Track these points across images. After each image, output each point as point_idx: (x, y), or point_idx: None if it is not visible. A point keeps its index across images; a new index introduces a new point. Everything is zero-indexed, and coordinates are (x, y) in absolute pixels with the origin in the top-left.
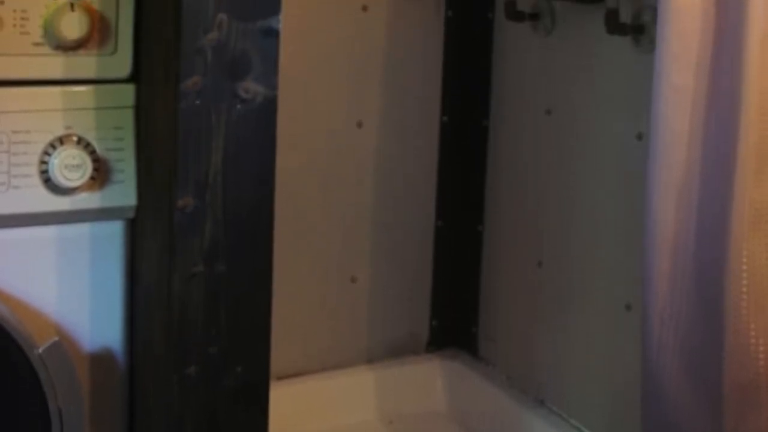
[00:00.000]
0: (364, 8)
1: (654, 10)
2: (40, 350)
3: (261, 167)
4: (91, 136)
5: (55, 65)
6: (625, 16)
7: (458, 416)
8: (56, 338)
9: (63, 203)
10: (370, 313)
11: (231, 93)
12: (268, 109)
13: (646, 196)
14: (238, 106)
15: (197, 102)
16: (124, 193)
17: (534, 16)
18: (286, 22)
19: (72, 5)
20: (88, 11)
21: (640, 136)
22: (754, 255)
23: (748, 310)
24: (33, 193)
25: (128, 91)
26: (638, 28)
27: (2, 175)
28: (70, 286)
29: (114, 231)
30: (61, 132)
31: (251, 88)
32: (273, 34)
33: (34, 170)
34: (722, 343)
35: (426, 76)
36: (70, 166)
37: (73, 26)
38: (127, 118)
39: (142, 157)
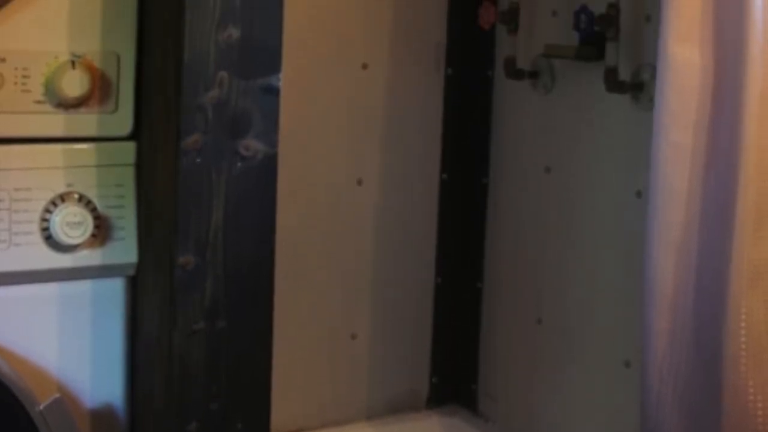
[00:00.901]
0: (364, 66)
1: (653, 68)
2: (42, 407)
3: (261, 224)
4: (92, 194)
5: (57, 123)
6: (624, 74)
7: None
8: (57, 395)
9: (64, 260)
10: (369, 369)
11: (231, 151)
12: (269, 166)
13: (645, 253)
14: (239, 164)
15: (198, 160)
16: (125, 250)
17: (533, 74)
18: (287, 79)
19: (73, 63)
20: (89, 69)
21: (639, 194)
22: (753, 312)
23: (746, 367)
24: (34, 250)
25: (129, 149)
26: (637, 86)
27: (4, 232)
28: (71, 342)
29: (115, 288)
30: (62, 189)
31: (252, 145)
32: (273, 92)
33: (35, 228)
34: (721, 399)
35: (426, 134)
36: (72, 223)
37: (74, 84)
38: (128, 175)
39: (143, 214)
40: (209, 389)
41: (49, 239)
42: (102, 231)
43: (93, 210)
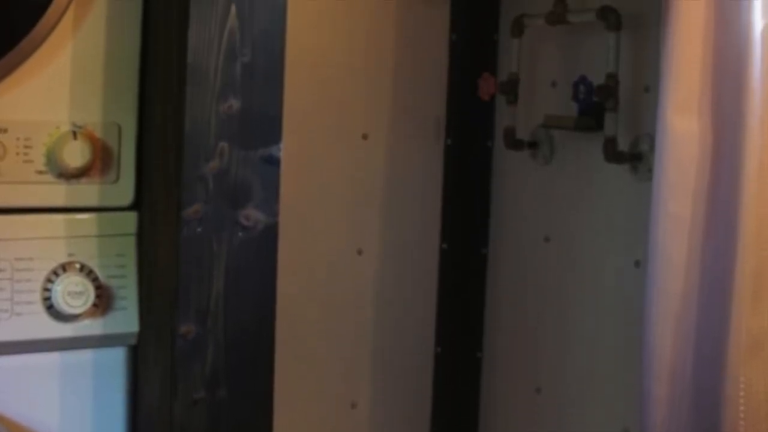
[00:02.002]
0: (364, 136)
1: (652, 139)
2: None
3: (262, 294)
4: (93, 264)
5: (58, 193)
6: (623, 145)
7: None
8: None
9: (65, 330)
10: None
11: (232, 221)
12: (269, 236)
13: (644, 322)
14: (239, 234)
15: (199, 230)
16: (126, 319)
17: (533, 145)
18: (287, 150)
19: (75, 134)
20: (91, 140)
21: (637, 264)
22: (752, 382)
23: None
24: (36, 320)
25: (130, 219)
26: (636, 157)
27: (5, 302)
28: (72, 412)
29: (116, 357)
30: (63, 259)
31: (252, 215)
32: (274, 162)
33: (37, 297)
34: None
35: (426, 204)
36: (73, 293)
37: (76, 155)
38: (129, 245)
39: (144, 283)
40: None
41: (51, 309)
42: (103, 300)
43: (94, 279)
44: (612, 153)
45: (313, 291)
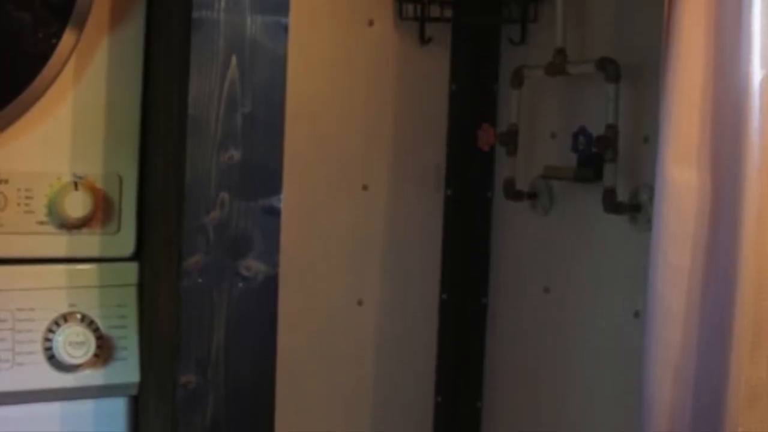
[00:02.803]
0: (365, 187)
1: (651, 189)
2: None
3: (262, 344)
4: (94, 314)
5: (59, 244)
6: (623, 195)
7: None
8: None
9: (67, 380)
10: None
11: (233, 271)
12: (269, 287)
13: (643, 372)
14: (240, 284)
15: (199, 280)
16: (127, 370)
17: (532, 196)
18: (287, 200)
19: (76, 184)
20: (92, 190)
21: (636, 314)
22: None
23: None
24: (37, 370)
25: (131, 270)
26: (635, 207)
27: (7, 352)
28: None
29: (117, 408)
30: (65, 310)
31: (253, 266)
32: (274, 212)
33: (38, 347)
34: None
35: (425, 255)
36: (74, 343)
37: (77, 205)
38: (130, 296)
39: (145, 334)
40: None
41: (52, 359)
42: (104, 351)
43: (95, 330)
44: (611, 204)
45: (314, 341)
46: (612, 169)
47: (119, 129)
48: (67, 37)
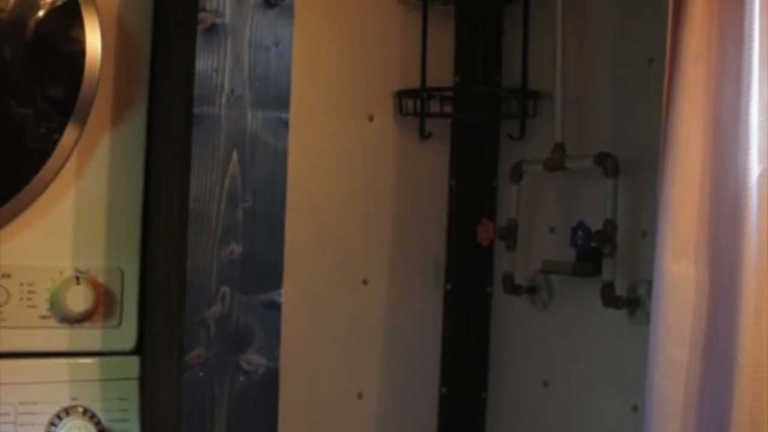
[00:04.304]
0: (365, 281)
1: (649, 284)
2: None
3: None
4: (96, 407)
5: (61, 338)
6: (621, 290)
7: None
8: None
9: None
10: None
11: (234, 365)
12: (270, 380)
13: None
14: (241, 378)
15: (200, 374)
16: None
17: (531, 290)
18: (288, 293)
19: (78, 279)
20: (94, 285)
21: (635, 408)
22: None
23: None
24: None
25: (133, 363)
26: (633, 301)
27: None
28: None
29: None
30: (67, 403)
31: (253, 360)
32: (275, 306)
33: None
34: None
35: (425, 348)
36: None
37: (79, 300)
38: (132, 389)
39: (147, 427)
40: None
41: None
42: None
43: (97, 423)
44: (610, 298)
45: None
46: (610, 263)
47: (121, 223)
48: (69, 133)
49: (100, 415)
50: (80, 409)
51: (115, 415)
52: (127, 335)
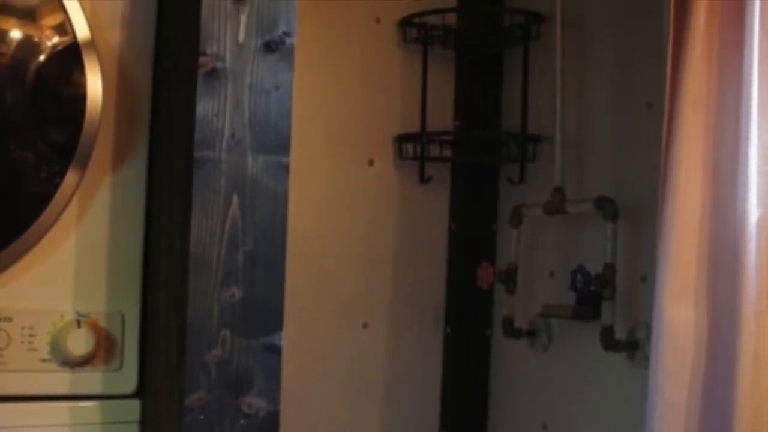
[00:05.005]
0: (365, 325)
1: (648, 327)
2: None
3: None
4: None
5: (62, 381)
6: (621, 333)
7: None
8: None
9: None
10: None
11: (234, 408)
12: (271, 423)
13: None
14: (241, 421)
15: (201, 417)
16: None
17: (531, 333)
18: (288, 337)
19: (78, 322)
20: (95, 328)
21: None
22: None
23: None
24: None
25: (133, 407)
26: (633, 345)
27: None
28: None
29: None
30: None
31: (254, 403)
32: (275, 350)
33: None
34: None
35: (425, 391)
36: None
37: (80, 343)
38: None
39: None
40: None
41: None
42: None
43: None
44: (609, 341)
45: None
46: (610, 307)
47: (122, 267)
48: (70, 177)
49: None
50: None
51: None
52: (127, 378)
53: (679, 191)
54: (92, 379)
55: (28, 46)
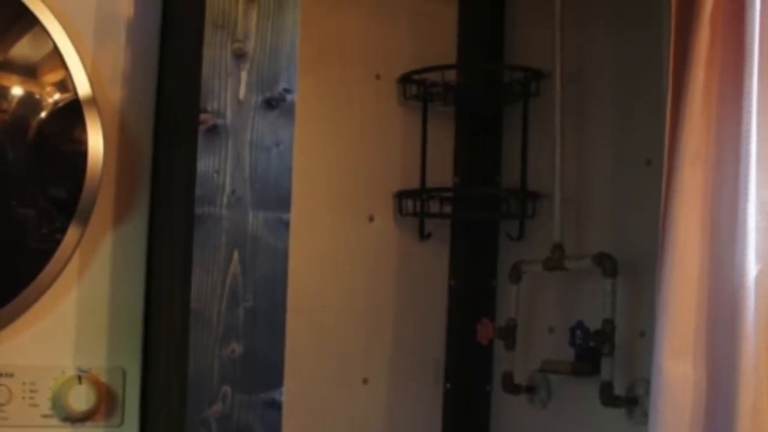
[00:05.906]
0: (365, 381)
1: (647, 383)
2: None
3: None
4: None
5: None
6: (620, 389)
7: None
8: None
9: None
10: None
11: None
12: None
13: None
14: None
15: None
16: None
17: (530, 389)
18: (288, 392)
19: (80, 378)
20: (96, 384)
21: None
22: None
23: None
24: None
25: None
26: (632, 400)
27: None
28: None
29: None
30: None
31: None
32: (276, 406)
33: None
34: None
35: None
36: None
37: (81, 399)
38: None
39: None
40: None
41: None
42: None
43: None
44: (608, 397)
45: None
46: (609, 362)
47: (123, 323)
48: (71, 233)
49: None
50: None
51: None
52: None
53: (678, 247)
54: None
55: (30, 102)
